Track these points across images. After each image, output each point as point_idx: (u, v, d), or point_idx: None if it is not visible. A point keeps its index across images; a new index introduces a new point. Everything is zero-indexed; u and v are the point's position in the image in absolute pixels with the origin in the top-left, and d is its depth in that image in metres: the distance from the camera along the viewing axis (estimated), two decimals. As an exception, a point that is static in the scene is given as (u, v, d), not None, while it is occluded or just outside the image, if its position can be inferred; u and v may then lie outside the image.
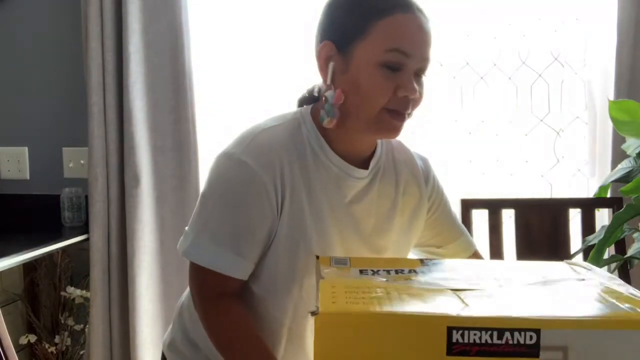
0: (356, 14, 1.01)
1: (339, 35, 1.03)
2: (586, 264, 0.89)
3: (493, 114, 2.27)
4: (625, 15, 2.05)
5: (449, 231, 1.26)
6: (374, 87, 1.00)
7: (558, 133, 2.24)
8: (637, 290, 0.76)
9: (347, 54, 1.02)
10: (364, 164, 1.13)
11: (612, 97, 2.04)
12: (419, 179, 1.21)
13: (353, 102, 1.03)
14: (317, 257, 0.84)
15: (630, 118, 1.78)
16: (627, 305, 0.69)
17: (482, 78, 2.25)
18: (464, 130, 2.27)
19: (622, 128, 1.81)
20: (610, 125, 1.98)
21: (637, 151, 1.80)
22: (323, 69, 1.06)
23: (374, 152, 1.16)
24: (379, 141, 1.17)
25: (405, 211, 1.18)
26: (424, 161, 1.25)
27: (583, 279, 0.81)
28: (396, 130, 1.05)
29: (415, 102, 1.04)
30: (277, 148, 1.05)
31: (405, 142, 1.26)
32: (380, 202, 1.15)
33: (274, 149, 1.05)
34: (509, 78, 2.24)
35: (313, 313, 0.66)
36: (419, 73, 1.04)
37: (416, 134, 2.27)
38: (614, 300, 0.71)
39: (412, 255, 1.28)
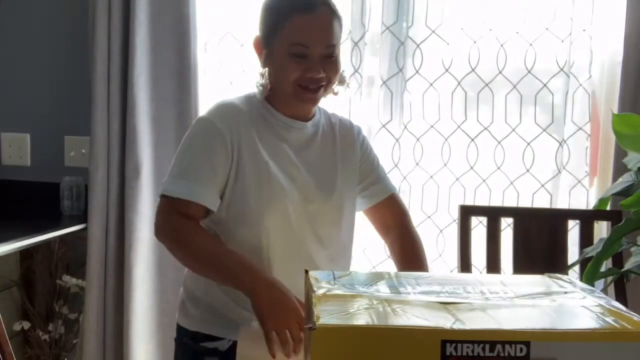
0: (272, 17, 1.37)
1: (264, 32, 1.40)
2: (567, 277, 0.92)
3: (496, 122, 2.26)
4: (632, 28, 2.05)
5: (375, 176, 1.56)
6: (285, 71, 1.36)
7: (560, 144, 2.24)
8: (617, 303, 0.79)
9: (269, 45, 1.38)
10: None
11: (616, 110, 2.04)
12: (353, 133, 1.54)
13: (276, 80, 1.39)
14: (307, 272, 0.86)
15: (633, 132, 1.77)
16: (611, 318, 0.72)
17: (487, 85, 2.24)
18: (467, 136, 2.26)
19: (625, 142, 1.81)
20: (613, 137, 1.98)
21: (638, 165, 1.80)
22: (258, 55, 1.42)
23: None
24: (317, 110, 1.48)
25: (344, 159, 1.49)
26: (357, 126, 1.58)
27: (566, 292, 0.83)
28: (310, 100, 1.40)
29: (326, 78, 1.36)
30: (234, 111, 1.40)
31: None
32: (323, 152, 1.47)
33: (231, 111, 1.40)
34: (514, 86, 2.23)
35: (310, 328, 0.67)
36: (329, 55, 1.36)
37: (420, 139, 2.27)
38: (598, 314, 0.74)
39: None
